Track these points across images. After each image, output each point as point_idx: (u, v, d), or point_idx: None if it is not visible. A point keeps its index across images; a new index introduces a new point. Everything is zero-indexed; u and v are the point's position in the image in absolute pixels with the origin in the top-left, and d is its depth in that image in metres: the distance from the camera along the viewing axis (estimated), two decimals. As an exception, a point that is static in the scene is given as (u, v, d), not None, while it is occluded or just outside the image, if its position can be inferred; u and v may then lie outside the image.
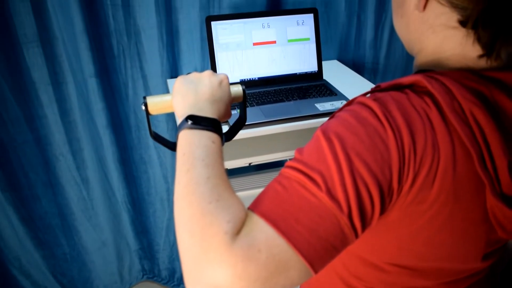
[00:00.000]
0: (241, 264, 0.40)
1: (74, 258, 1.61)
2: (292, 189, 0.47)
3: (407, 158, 0.47)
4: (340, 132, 0.48)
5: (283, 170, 0.50)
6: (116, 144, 1.47)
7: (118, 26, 1.32)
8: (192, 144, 0.53)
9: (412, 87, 0.52)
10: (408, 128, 0.48)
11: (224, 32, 1.27)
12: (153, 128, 0.66)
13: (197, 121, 0.55)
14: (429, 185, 0.49)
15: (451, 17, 0.53)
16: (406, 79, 0.52)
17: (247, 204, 0.49)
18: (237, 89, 0.68)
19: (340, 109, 0.54)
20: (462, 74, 0.52)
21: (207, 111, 0.58)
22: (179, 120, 0.58)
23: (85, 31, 1.27)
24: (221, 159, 0.53)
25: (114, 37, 1.33)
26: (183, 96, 0.61)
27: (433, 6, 0.54)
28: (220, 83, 0.63)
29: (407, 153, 0.47)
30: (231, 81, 1.28)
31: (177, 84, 0.63)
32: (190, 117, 0.56)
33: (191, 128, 0.54)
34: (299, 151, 0.51)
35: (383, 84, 0.54)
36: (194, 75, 0.64)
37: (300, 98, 1.25)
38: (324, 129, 0.50)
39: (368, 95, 0.54)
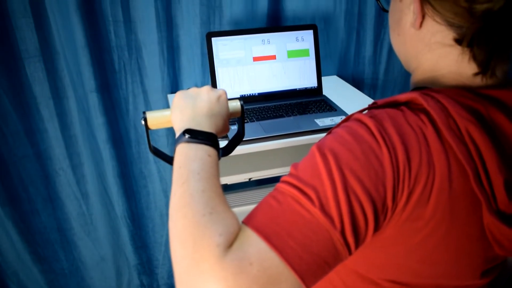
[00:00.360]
0: (232, 277, 0.41)
1: (72, 273, 1.60)
2: (286, 204, 0.47)
3: (402, 176, 0.48)
4: (335, 149, 0.49)
5: (278, 185, 0.50)
6: (116, 159, 1.47)
7: (119, 42, 1.33)
8: (188, 157, 0.53)
9: (408, 104, 0.53)
10: (403, 146, 0.48)
11: (225, 48, 1.29)
12: (153, 143, 0.67)
13: (194, 135, 0.56)
14: (424, 203, 0.49)
15: (447, 35, 0.53)
16: (402, 96, 0.53)
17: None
18: (235, 104, 0.69)
19: (337, 125, 0.55)
20: (458, 92, 0.52)
21: (205, 126, 0.59)
22: (177, 134, 0.59)
23: (86, 46, 1.29)
24: (217, 172, 0.54)
25: (115, 53, 1.34)
26: (181, 110, 0.62)
27: (429, 24, 0.55)
28: (218, 98, 0.64)
29: (401, 170, 0.48)
30: (231, 96, 1.29)
31: (176, 99, 0.64)
32: (187, 131, 0.56)
33: (188, 141, 0.55)
34: (295, 166, 0.51)
35: (380, 101, 0.55)
36: (193, 90, 0.65)
37: (300, 114, 1.25)
38: (319, 145, 0.51)
39: (365, 111, 0.54)
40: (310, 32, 1.35)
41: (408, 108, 0.52)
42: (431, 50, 0.56)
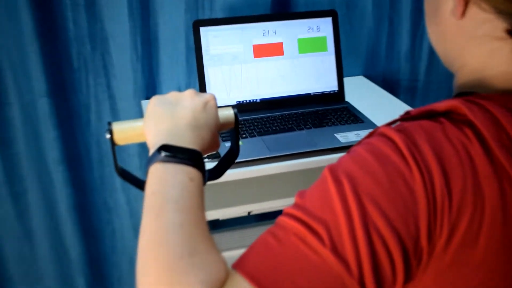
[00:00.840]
0: None
1: (10, 339, 1.60)
2: (288, 243, 0.48)
3: (440, 207, 0.49)
4: (352, 172, 0.50)
5: (279, 218, 0.51)
6: (71, 185, 1.48)
7: (80, 32, 1.35)
8: (164, 182, 0.55)
9: (449, 114, 0.54)
10: (440, 168, 0.49)
11: (217, 41, 1.31)
12: (121, 164, 0.69)
13: (172, 152, 0.57)
14: (472, 243, 0.50)
15: (497, 25, 0.55)
16: (442, 105, 0.54)
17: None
18: (227, 113, 0.70)
19: (359, 143, 0.56)
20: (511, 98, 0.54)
21: (186, 140, 0.60)
22: (151, 151, 0.60)
23: (36, 38, 1.31)
24: (202, 202, 0.55)
25: (73, 46, 1.36)
26: (156, 120, 0.63)
27: (473, 12, 0.57)
28: (205, 105, 0.65)
29: (439, 200, 0.49)
30: (224, 103, 1.30)
31: (150, 106, 0.66)
32: (163, 147, 0.58)
33: (164, 161, 0.57)
34: (301, 194, 0.52)
35: (414, 111, 0.56)
36: (173, 95, 0.67)
37: (316, 126, 1.27)
38: (333, 167, 0.52)
39: (396, 124, 0.56)
40: (328, 20, 1.37)
41: (448, 119, 0.53)
42: (477, 44, 0.58)
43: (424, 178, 0.49)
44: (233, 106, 0.72)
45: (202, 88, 1.30)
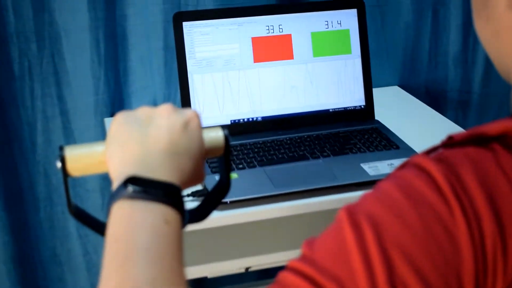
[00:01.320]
0: None
1: None
2: None
3: (491, 263, 0.48)
4: (375, 214, 0.50)
5: (281, 274, 0.51)
6: (9, 231, 1.48)
7: (23, 27, 1.36)
8: (131, 225, 0.55)
9: (503, 139, 0.55)
10: (491, 209, 0.49)
11: (205, 40, 1.31)
12: (77, 202, 0.69)
13: (142, 186, 0.57)
14: None
15: None
16: (494, 127, 0.54)
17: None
18: (215, 135, 0.71)
19: (387, 176, 0.56)
20: None
21: (161, 171, 0.60)
22: (114, 184, 0.61)
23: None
24: (180, 251, 0.55)
25: (14, 45, 1.37)
26: (122, 144, 0.63)
27: None
28: (186, 124, 0.66)
29: (490, 252, 0.48)
30: (214, 123, 1.30)
31: (114, 125, 0.66)
32: (131, 179, 0.58)
33: (132, 197, 0.56)
34: (309, 243, 0.52)
35: (458, 136, 0.56)
36: (144, 111, 0.67)
37: (336, 154, 1.27)
38: (351, 208, 0.52)
39: (438, 150, 0.57)
40: (353, 12, 1.38)
41: (503, 145, 0.54)
42: None
43: (470, 223, 0.49)
44: (222, 127, 0.72)
45: (186, 103, 1.30)
